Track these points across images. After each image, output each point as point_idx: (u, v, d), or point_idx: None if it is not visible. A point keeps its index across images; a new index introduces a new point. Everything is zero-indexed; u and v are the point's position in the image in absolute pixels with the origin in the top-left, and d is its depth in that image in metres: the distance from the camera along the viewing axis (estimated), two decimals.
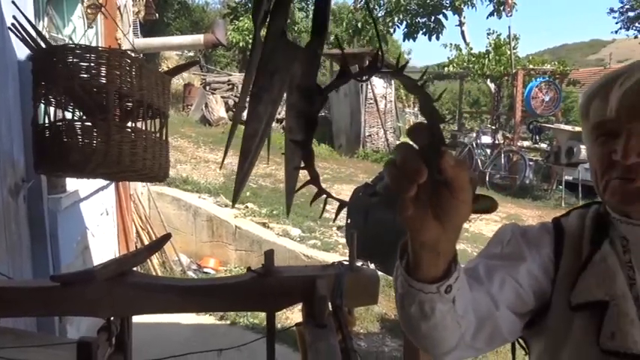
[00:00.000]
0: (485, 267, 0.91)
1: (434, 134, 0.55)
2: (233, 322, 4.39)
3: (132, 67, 1.26)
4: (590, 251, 0.90)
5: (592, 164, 0.92)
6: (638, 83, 0.83)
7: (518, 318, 0.90)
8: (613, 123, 0.85)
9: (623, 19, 12.29)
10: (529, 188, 10.28)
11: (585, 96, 0.95)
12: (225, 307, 1.68)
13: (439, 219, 0.60)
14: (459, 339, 0.81)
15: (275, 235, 5.62)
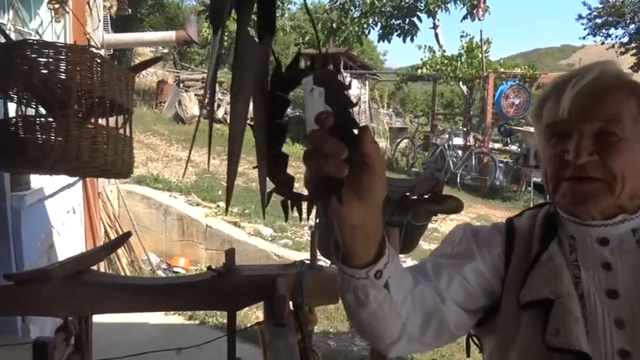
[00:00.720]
0: (434, 264, 0.93)
1: (343, 117, 0.57)
2: (202, 321, 4.36)
3: (92, 63, 1.25)
4: (539, 250, 0.92)
5: (544, 164, 0.94)
6: (589, 85, 0.85)
7: (467, 314, 0.92)
8: (565, 124, 0.87)
9: (590, 26, 12.61)
10: (499, 189, 10.45)
11: (539, 98, 0.97)
12: (186, 306, 1.67)
13: (361, 198, 0.63)
14: (401, 330, 0.82)
15: (246, 235, 5.60)
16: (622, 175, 0.84)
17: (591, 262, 0.88)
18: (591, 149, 0.84)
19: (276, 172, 0.58)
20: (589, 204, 0.87)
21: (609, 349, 0.82)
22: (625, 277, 0.86)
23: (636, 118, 0.86)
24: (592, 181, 0.85)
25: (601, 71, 0.88)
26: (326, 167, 0.57)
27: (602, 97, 0.86)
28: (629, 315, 0.83)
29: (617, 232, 0.89)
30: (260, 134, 0.55)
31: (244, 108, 0.52)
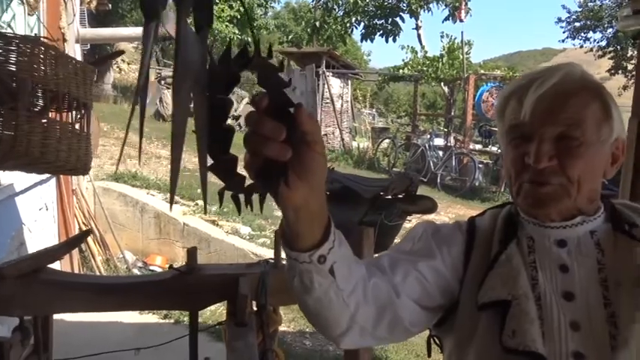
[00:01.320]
0: (391, 259, 0.92)
1: (277, 98, 0.57)
2: (177, 320, 4.31)
3: (46, 55, 1.21)
4: (498, 251, 0.92)
5: (506, 165, 0.94)
6: (552, 89, 0.85)
7: (423, 311, 0.91)
8: (526, 126, 0.86)
9: (569, 29, 12.78)
10: (478, 190, 10.54)
11: (501, 97, 0.96)
12: (146, 305, 1.65)
13: (303, 178, 0.62)
14: (349, 320, 0.81)
15: (224, 233, 5.56)
16: (578, 179, 0.85)
17: (549, 264, 0.88)
18: (551, 154, 0.84)
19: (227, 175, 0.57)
20: (548, 207, 0.88)
21: (564, 350, 0.81)
22: (581, 279, 0.86)
23: (598, 121, 0.86)
24: (549, 185, 0.85)
25: (564, 74, 0.87)
26: (268, 150, 0.56)
27: (565, 101, 0.85)
28: (584, 317, 0.83)
29: (576, 234, 0.89)
30: (202, 138, 0.53)
31: (186, 97, 0.51)
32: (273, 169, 0.58)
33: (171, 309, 1.50)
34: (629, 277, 0.83)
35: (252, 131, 0.57)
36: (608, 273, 0.86)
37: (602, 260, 0.87)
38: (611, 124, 0.88)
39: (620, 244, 0.88)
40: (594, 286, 0.85)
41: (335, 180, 2.22)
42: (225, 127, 0.57)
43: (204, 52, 0.55)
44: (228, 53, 0.58)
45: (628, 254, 0.86)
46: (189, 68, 0.50)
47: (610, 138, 0.88)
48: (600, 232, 0.90)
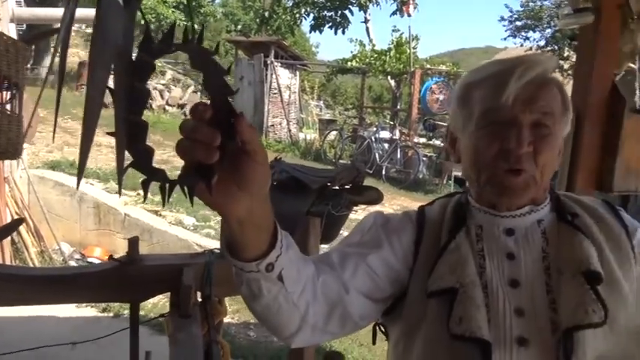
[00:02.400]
0: (340, 254, 0.91)
1: (220, 104, 0.56)
2: (116, 313, 4.18)
3: None
4: (447, 240, 0.92)
5: (470, 151, 0.91)
6: (540, 77, 0.86)
7: (372, 303, 0.91)
8: (506, 112, 0.86)
9: (511, 28, 13.23)
10: (422, 182, 10.76)
11: (463, 83, 0.95)
12: (85, 298, 1.58)
13: (243, 188, 0.60)
14: (300, 321, 0.81)
15: (167, 224, 5.43)
16: (543, 168, 0.87)
17: (496, 252, 0.90)
18: (530, 139, 0.85)
19: (135, 141, 0.53)
20: (516, 197, 0.89)
21: (508, 336, 0.83)
22: (527, 267, 0.88)
23: (561, 114, 0.89)
24: (524, 173, 0.86)
25: (546, 63, 0.88)
26: (195, 153, 0.54)
27: (543, 90, 0.87)
28: (528, 304, 0.85)
29: (524, 223, 0.91)
30: (120, 100, 0.50)
31: (103, 75, 0.48)
32: (198, 171, 0.56)
33: (111, 301, 1.44)
34: (570, 265, 0.86)
35: (187, 135, 0.54)
36: (551, 261, 0.88)
37: (547, 249, 0.90)
38: (568, 118, 0.91)
39: (563, 233, 0.90)
40: (538, 274, 0.87)
41: (282, 170, 2.20)
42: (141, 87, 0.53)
43: (130, 28, 0.53)
44: (172, 32, 0.55)
45: (569, 243, 0.88)
46: (109, 43, 0.48)
47: (565, 132, 0.91)
48: (546, 221, 0.92)
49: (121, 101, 0.50)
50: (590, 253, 0.86)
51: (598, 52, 2.32)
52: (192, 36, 0.54)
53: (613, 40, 2.33)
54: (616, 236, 0.90)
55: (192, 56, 0.56)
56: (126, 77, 0.51)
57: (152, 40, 0.52)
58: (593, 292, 0.82)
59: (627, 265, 0.88)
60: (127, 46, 0.51)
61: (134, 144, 0.53)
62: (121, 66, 0.50)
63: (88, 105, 0.47)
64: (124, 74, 0.51)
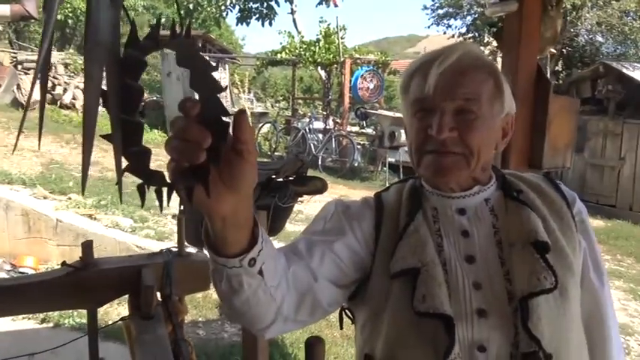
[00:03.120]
0: (307, 243, 0.94)
1: (209, 103, 0.54)
2: (57, 324, 4.00)
3: None
4: (406, 223, 0.96)
5: (409, 137, 0.98)
6: (452, 65, 0.91)
7: (339, 289, 0.94)
8: (429, 100, 0.92)
9: (434, 16, 13.67)
10: (357, 170, 10.95)
11: (406, 72, 1.00)
12: (38, 308, 1.51)
13: (232, 188, 0.61)
14: (276, 313, 0.83)
15: (103, 227, 5.23)
16: (478, 150, 0.92)
17: (452, 231, 0.95)
18: (452, 126, 0.90)
19: (130, 142, 0.51)
20: (448, 175, 0.94)
21: (469, 309, 0.88)
22: (480, 243, 0.94)
23: (491, 98, 0.94)
24: (451, 155, 0.91)
25: (463, 52, 0.94)
26: (185, 153, 0.53)
27: (463, 77, 0.92)
28: (485, 277, 0.91)
29: (474, 202, 0.97)
30: (113, 99, 0.49)
31: (99, 73, 0.46)
32: (194, 173, 0.55)
33: (67, 309, 1.38)
34: (519, 237, 0.92)
35: (177, 135, 0.53)
36: (502, 235, 0.94)
37: (497, 224, 0.96)
38: (502, 100, 0.96)
39: (510, 208, 0.97)
40: (491, 248, 0.93)
41: None
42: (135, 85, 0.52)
43: (116, 24, 0.51)
44: (135, 35, 0.53)
45: (517, 217, 0.94)
46: (101, 40, 0.47)
47: (501, 113, 0.96)
48: (493, 199, 0.98)
49: (115, 101, 0.49)
50: (536, 225, 0.92)
51: (522, 37, 2.45)
52: (180, 31, 0.53)
53: (535, 26, 2.47)
54: (558, 208, 0.98)
55: (179, 53, 0.55)
56: (117, 75, 0.49)
57: (138, 36, 0.51)
58: (542, 261, 0.89)
59: (569, 233, 0.95)
60: (115, 43, 0.50)
61: (129, 145, 0.51)
62: (112, 64, 0.49)
63: (88, 99, 0.46)
64: (115, 72, 0.49)
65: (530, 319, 0.85)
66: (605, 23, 11.18)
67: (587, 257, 0.98)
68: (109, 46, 0.48)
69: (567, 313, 0.90)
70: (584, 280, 0.97)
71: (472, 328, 0.87)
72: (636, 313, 4.79)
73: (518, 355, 0.86)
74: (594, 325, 0.98)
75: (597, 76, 9.44)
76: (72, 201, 5.75)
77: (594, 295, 0.98)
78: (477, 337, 0.87)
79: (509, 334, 0.87)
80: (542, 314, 0.86)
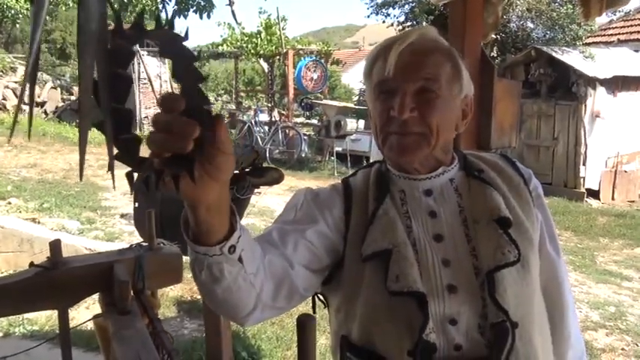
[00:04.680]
0: (280, 231, 0.95)
1: (193, 93, 0.55)
2: (6, 332, 3.84)
3: None
4: (375, 206, 0.98)
5: (373, 120, 1.02)
6: (410, 47, 0.95)
7: (314, 275, 0.96)
8: (391, 82, 0.95)
9: (373, 5, 13.83)
10: (305, 161, 11.00)
11: (369, 58, 1.04)
12: (7, 311, 1.47)
13: (214, 177, 0.63)
14: (256, 300, 0.84)
15: (49, 231, 5.04)
16: (437, 129, 0.95)
17: (419, 212, 0.99)
18: (412, 106, 0.93)
19: (120, 131, 0.52)
20: (410, 155, 0.97)
21: (439, 285, 0.92)
22: (447, 222, 0.98)
23: (450, 79, 0.97)
24: (412, 135, 0.95)
25: (420, 35, 0.98)
26: (172, 145, 0.54)
27: (422, 58, 0.95)
28: (453, 254, 0.95)
29: (439, 182, 1.01)
30: (104, 89, 0.49)
31: (91, 63, 0.46)
32: (180, 162, 0.56)
33: (36, 310, 1.34)
34: (483, 215, 0.97)
35: (161, 128, 0.54)
36: (467, 213, 0.99)
37: (462, 203, 1.01)
38: (461, 82, 1.00)
39: (473, 187, 1.02)
40: (458, 227, 0.98)
41: None
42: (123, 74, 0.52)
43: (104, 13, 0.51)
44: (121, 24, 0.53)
45: (480, 195, 1.00)
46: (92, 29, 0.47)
47: (460, 95, 1.01)
48: (457, 179, 1.03)
49: (105, 90, 0.49)
50: (498, 202, 0.98)
51: (467, 24, 2.55)
52: (167, 22, 0.54)
53: (478, 13, 2.58)
54: (516, 185, 1.04)
55: (163, 43, 0.55)
56: (107, 65, 0.50)
57: (123, 26, 0.52)
58: (506, 236, 0.94)
59: (527, 208, 1.02)
60: (103, 32, 0.49)
61: (119, 133, 0.52)
62: (101, 53, 0.49)
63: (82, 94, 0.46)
64: (105, 62, 0.49)
65: (497, 291, 0.90)
66: (534, 10, 11.69)
67: (544, 230, 1.04)
68: (98, 36, 0.48)
69: (529, 284, 0.96)
70: (542, 251, 1.02)
71: (443, 303, 0.91)
72: (576, 282, 5.09)
73: (486, 326, 0.91)
74: (553, 293, 1.04)
75: (530, 61, 9.85)
76: (12, 205, 5.51)
77: (552, 265, 1.04)
78: (448, 311, 0.91)
79: (477, 307, 0.91)
80: (508, 286, 0.91)
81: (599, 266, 5.76)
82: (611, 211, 8.52)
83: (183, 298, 4.36)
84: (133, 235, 5.15)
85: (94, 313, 3.26)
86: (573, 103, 9.36)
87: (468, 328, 0.91)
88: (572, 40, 11.76)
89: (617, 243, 6.80)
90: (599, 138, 9.35)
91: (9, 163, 7.33)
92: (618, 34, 11.50)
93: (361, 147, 10.88)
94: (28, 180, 6.63)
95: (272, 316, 0.94)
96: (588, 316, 4.30)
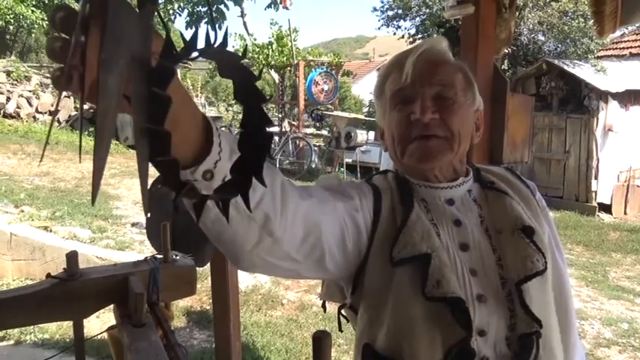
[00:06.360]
0: (321, 192, 0.91)
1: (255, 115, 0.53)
2: (18, 340, 3.87)
3: None
4: (405, 211, 0.96)
5: (390, 131, 1.02)
6: (423, 55, 0.97)
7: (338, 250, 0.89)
8: (409, 89, 0.97)
9: (384, 18, 13.92)
10: (315, 172, 11.02)
11: (380, 74, 1.06)
12: (25, 321, 1.48)
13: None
14: (260, 232, 0.74)
15: (60, 239, 5.07)
16: (458, 133, 0.97)
17: (445, 220, 0.98)
18: (434, 109, 0.95)
19: (158, 153, 0.48)
20: (433, 160, 0.97)
21: (470, 294, 0.91)
22: (473, 231, 0.98)
23: (464, 88, 1.00)
24: (435, 138, 0.96)
25: (430, 45, 1.01)
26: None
27: (436, 66, 0.98)
28: (479, 264, 0.95)
29: (459, 192, 1.02)
30: (138, 110, 0.47)
31: (116, 81, 0.44)
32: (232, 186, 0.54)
33: (52, 321, 1.36)
34: (506, 224, 0.97)
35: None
36: (488, 224, 1.00)
37: (482, 214, 1.01)
38: (473, 92, 1.03)
39: (491, 198, 1.03)
40: (482, 237, 0.98)
41: None
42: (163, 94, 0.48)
43: (148, 33, 0.48)
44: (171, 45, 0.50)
45: (500, 206, 1.00)
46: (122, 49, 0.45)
47: (474, 105, 1.03)
48: (474, 190, 1.04)
49: (140, 111, 0.47)
50: (520, 211, 0.98)
51: (479, 38, 2.57)
52: (223, 41, 0.52)
53: (491, 28, 2.59)
54: (525, 195, 1.05)
55: (221, 63, 0.53)
56: (145, 85, 0.47)
57: (173, 45, 0.49)
58: (532, 244, 0.94)
59: (538, 219, 1.02)
60: (145, 52, 0.48)
61: (157, 155, 0.48)
62: (139, 74, 0.47)
63: (101, 116, 0.42)
64: (143, 82, 0.47)
65: (525, 301, 0.90)
66: (546, 23, 11.70)
67: (552, 240, 1.04)
68: (137, 55, 0.46)
69: (549, 293, 0.96)
70: (552, 261, 1.02)
71: (474, 313, 0.89)
72: (588, 298, 5.04)
73: (513, 337, 0.90)
74: (561, 301, 1.03)
75: (541, 74, 9.85)
76: (25, 213, 5.56)
77: (559, 273, 1.04)
78: (478, 322, 0.89)
79: (506, 318, 0.91)
80: (534, 296, 0.91)
81: (611, 282, 5.70)
82: (623, 225, 8.44)
83: (192, 309, 4.37)
84: (144, 245, 5.17)
85: (104, 321, 3.28)
86: (585, 117, 9.33)
87: (496, 340, 0.90)
88: (583, 54, 11.75)
89: (630, 259, 6.73)
90: (611, 152, 9.30)
91: (22, 171, 7.41)
92: (630, 48, 11.46)
93: (371, 158, 10.90)
94: (41, 188, 6.70)
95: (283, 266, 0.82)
96: (601, 333, 4.25)
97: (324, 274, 0.94)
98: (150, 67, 0.48)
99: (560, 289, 1.03)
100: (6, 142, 8.88)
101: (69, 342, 3.92)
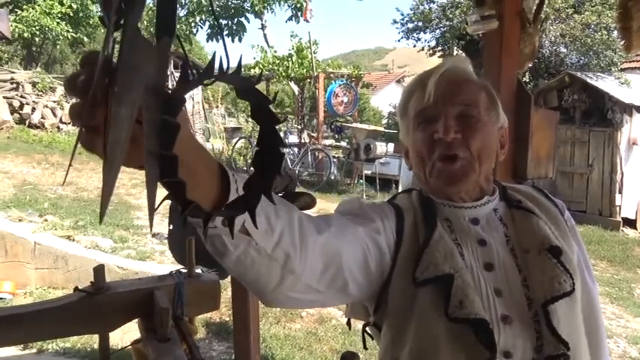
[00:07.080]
0: (340, 220, 0.91)
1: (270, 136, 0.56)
2: (40, 349, 3.91)
3: None
4: (428, 231, 0.96)
5: (415, 151, 1.02)
6: (446, 74, 0.98)
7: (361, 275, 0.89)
8: (432, 109, 0.97)
9: (403, 30, 13.94)
10: (334, 183, 11.01)
11: (403, 94, 1.06)
12: (53, 334, 1.50)
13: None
14: (282, 271, 0.75)
15: (83, 248, 5.14)
16: (479, 153, 0.96)
17: (469, 240, 0.98)
18: (457, 128, 0.95)
19: (167, 174, 0.50)
20: (459, 183, 0.97)
21: (494, 315, 0.90)
22: (498, 251, 0.97)
23: (487, 106, 1.00)
24: (459, 160, 0.96)
25: (453, 65, 1.01)
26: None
27: (459, 85, 0.99)
28: (504, 284, 0.94)
29: (484, 212, 1.01)
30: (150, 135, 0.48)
31: (128, 111, 0.45)
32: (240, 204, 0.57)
33: (78, 334, 1.37)
34: (532, 244, 0.96)
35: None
36: (514, 243, 0.98)
37: (508, 233, 1.00)
38: (497, 110, 1.02)
39: (517, 217, 1.01)
40: (507, 256, 0.97)
41: None
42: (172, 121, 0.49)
43: (163, 64, 0.50)
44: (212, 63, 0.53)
45: (527, 225, 0.99)
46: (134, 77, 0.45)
47: (498, 122, 1.02)
48: (500, 209, 1.03)
49: (151, 137, 0.48)
50: (547, 231, 0.97)
51: (503, 53, 2.55)
52: (237, 68, 0.55)
53: (515, 43, 2.58)
54: (553, 215, 1.04)
55: (237, 86, 0.56)
56: (158, 113, 0.48)
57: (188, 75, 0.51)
58: (560, 265, 0.93)
59: (566, 239, 1.01)
60: (160, 82, 0.49)
61: (165, 177, 0.50)
62: (154, 103, 0.48)
63: (111, 145, 0.43)
64: (157, 110, 0.48)
65: (552, 323, 0.88)
66: (568, 35, 11.60)
67: (581, 260, 1.03)
68: (152, 86, 0.47)
69: (578, 314, 0.94)
70: (581, 281, 1.00)
71: (499, 334, 0.88)
72: (613, 315, 4.94)
73: (539, 359, 0.88)
74: (591, 322, 1.01)
75: (563, 86, 9.74)
76: (48, 222, 5.64)
77: (590, 294, 1.02)
78: (503, 344, 0.88)
79: (532, 340, 0.89)
80: (561, 317, 0.89)
81: (637, 299, 5.58)
82: None
83: (212, 320, 4.38)
84: (164, 255, 5.21)
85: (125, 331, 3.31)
86: (608, 130, 9.19)
87: None
88: (607, 66, 11.59)
89: None
90: (636, 166, 9.14)
91: (46, 181, 7.53)
92: None
93: (390, 170, 10.86)
94: (64, 198, 6.79)
95: (306, 298, 0.84)
96: (626, 352, 4.16)
97: (348, 299, 0.96)
98: (164, 97, 0.49)
99: (590, 310, 1.02)
100: (31, 152, 9.04)
101: (90, 351, 3.95)
